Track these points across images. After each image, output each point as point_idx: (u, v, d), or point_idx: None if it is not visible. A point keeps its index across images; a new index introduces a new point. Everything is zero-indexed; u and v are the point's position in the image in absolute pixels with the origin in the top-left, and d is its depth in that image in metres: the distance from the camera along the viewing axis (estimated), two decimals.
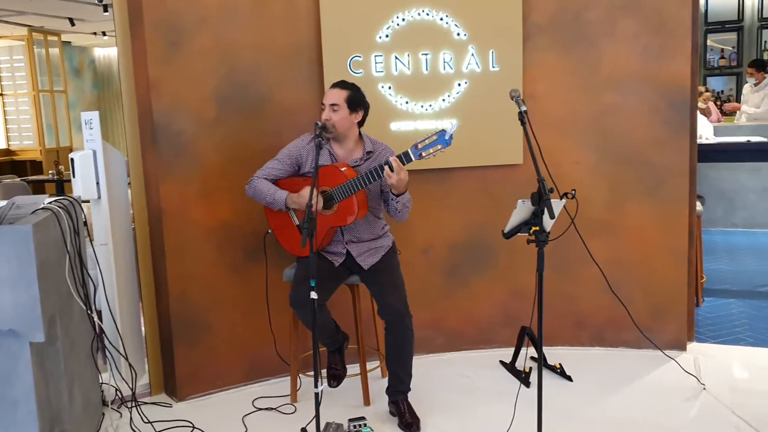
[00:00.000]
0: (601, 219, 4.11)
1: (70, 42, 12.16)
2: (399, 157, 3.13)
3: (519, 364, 3.88)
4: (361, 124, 3.41)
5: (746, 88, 8.40)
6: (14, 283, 2.51)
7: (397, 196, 3.24)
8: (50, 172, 9.24)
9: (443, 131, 3.06)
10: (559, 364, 3.88)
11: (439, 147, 3.07)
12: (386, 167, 3.10)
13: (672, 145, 4.02)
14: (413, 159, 3.11)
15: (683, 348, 4.14)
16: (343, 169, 3.27)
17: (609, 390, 3.71)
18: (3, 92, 11.49)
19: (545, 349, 4.04)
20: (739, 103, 8.64)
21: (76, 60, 12.63)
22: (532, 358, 3.90)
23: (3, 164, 11.04)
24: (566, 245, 3.48)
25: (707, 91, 8.83)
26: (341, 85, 3.37)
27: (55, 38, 11.29)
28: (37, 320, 2.56)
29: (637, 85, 4.02)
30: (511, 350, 3.96)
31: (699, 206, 4.70)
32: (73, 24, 9.98)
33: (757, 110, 7.99)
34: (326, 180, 3.27)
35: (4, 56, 11.39)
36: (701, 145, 4.94)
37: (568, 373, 3.83)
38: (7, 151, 11.50)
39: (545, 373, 3.82)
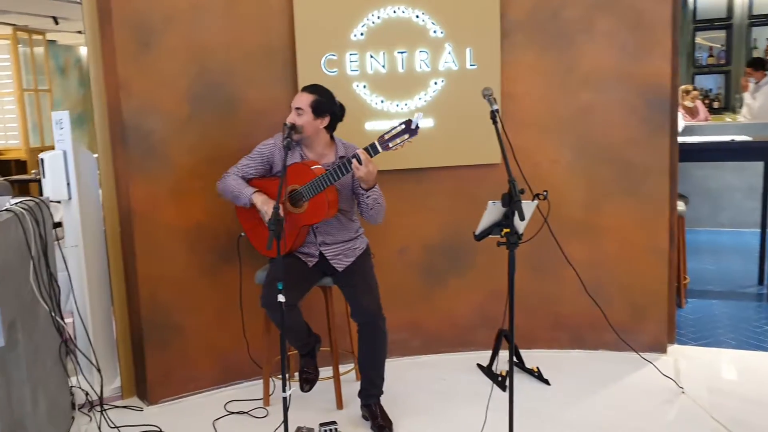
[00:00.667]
0: (580, 219, 4.06)
1: (55, 41, 12.04)
2: (366, 149, 3.09)
3: (497, 368, 3.82)
4: (331, 128, 3.36)
5: (746, 95, 8.25)
6: None
7: (367, 190, 3.20)
8: (33, 171, 9.16)
9: (409, 120, 3.03)
10: (537, 367, 3.82)
11: (405, 137, 3.03)
12: (354, 160, 3.07)
13: (652, 144, 3.98)
14: (380, 150, 3.08)
15: (663, 350, 4.10)
16: (313, 167, 3.23)
17: (587, 393, 3.66)
18: None
19: (524, 352, 4.00)
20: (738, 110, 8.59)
21: (62, 59, 12.50)
22: (509, 361, 3.84)
23: None
24: (546, 245, 3.45)
25: (695, 89, 8.76)
26: (310, 89, 3.34)
27: (40, 37, 11.18)
28: None
29: (615, 84, 3.97)
30: (490, 353, 3.91)
31: (682, 206, 4.65)
32: (56, 22, 9.88)
33: (756, 104, 7.92)
34: (296, 178, 3.23)
35: None
36: (685, 144, 4.90)
37: (545, 377, 3.78)
38: None
39: (523, 377, 3.79)
